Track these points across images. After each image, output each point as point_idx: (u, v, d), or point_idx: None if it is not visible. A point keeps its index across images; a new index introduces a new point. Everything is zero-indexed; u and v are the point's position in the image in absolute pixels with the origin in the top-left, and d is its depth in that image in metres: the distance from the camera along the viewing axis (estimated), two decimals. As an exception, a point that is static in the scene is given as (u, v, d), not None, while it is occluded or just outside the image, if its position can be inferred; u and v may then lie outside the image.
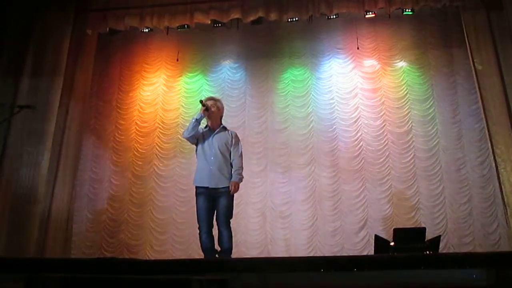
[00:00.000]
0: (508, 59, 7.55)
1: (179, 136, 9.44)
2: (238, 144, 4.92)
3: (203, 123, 4.96)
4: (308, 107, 9.45)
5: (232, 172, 4.77)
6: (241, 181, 4.79)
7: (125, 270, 3.14)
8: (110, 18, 8.69)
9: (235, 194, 4.78)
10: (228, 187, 4.69)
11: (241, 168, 4.81)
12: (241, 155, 4.87)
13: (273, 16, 8.37)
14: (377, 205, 8.71)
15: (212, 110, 4.84)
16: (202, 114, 4.77)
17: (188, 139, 4.87)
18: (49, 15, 8.26)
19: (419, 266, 2.89)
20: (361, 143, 9.08)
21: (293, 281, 2.77)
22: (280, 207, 8.94)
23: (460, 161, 8.66)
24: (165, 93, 9.95)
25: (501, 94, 7.48)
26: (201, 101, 4.84)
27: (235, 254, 4.73)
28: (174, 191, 9.25)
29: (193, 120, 4.76)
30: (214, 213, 4.71)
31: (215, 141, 4.81)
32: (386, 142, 9.03)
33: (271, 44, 9.82)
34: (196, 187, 4.78)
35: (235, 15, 8.41)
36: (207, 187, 4.70)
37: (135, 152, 9.64)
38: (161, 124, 9.75)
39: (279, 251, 8.57)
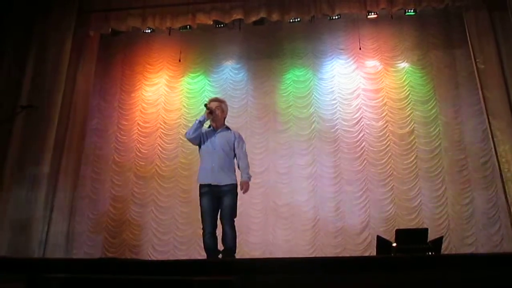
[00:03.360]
0: (511, 58, 7.53)
1: (181, 137, 9.45)
2: (242, 144, 4.91)
3: (206, 123, 4.95)
4: (310, 108, 9.44)
5: (241, 172, 4.77)
6: (250, 179, 4.80)
7: (127, 270, 3.13)
8: (112, 19, 8.72)
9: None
10: (231, 185, 4.68)
11: (248, 167, 4.82)
12: (246, 155, 4.88)
13: (275, 17, 8.38)
14: (379, 206, 8.70)
15: (216, 113, 4.84)
16: (206, 117, 4.77)
17: (190, 140, 4.86)
18: (51, 16, 8.29)
19: (421, 267, 2.88)
20: (363, 144, 9.07)
21: (295, 282, 2.77)
22: (282, 208, 8.93)
23: (462, 162, 8.65)
24: (167, 93, 9.96)
25: (504, 94, 7.48)
26: (205, 105, 4.83)
27: (237, 254, 4.71)
28: (176, 192, 9.25)
29: (197, 122, 4.76)
30: (218, 213, 4.70)
31: (218, 140, 4.80)
32: (388, 143, 9.02)
33: (273, 44, 9.82)
34: (200, 186, 4.77)
35: (237, 15, 8.43)
36: (209, 185, 4.69)
37: (137, 153, 9.66)
38: (163, 124, 9.76)
39: (281, 252, 8.54)
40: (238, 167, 4.83)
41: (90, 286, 2.69)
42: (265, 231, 8.86)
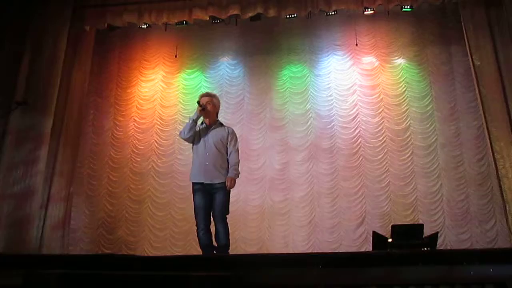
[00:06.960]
0: (507, 55, 7.55)
1: (177, 133, 9.43)
2: (235, 140, 4.87)
3: (200, 119, 4.93)
4: (306, 104, 9.45)
5: (229, 167, 4.75)
6: (238, 176, 4.76)
7: (124, 266, 3.14)
8: (108, 14, 8.65)
9: (233, 191, 4.77)
10: (224, 182, 4.67)
11: (237, 163, 4.78)
12: (237, 151, 4.83)
13: (271, 13, 8.35)
14: (375, 202, 8.73)
15: (208, 108, 4.82)
16: (199, 114, 4.75)
17: (185, 139, 4.86)
18: (47, 11, 8.21)
19: (417, 263, 2.90)
20: (359, 140, 9.10)
21: (291, 277, 2.78)
22: (278, 204, 8.95)
23: (458, 159, 8.69)
24: (164, 89, 9.93)
25: (500, 90, 7.49)
26: (198, 102, 4.81)
27: (233, 250, 4.74)
28: (173, 188, 9.25)
29: (190, 121, 4.74)
30: (211, 210, 4.70)
31: (211, 137, 4.79)
32: (384, 139, 9.05)
33: (270, 40, 9.80)
34: (193, 184, 4.77)
35: (234, 11, 8.38)
36: (202, 183, 4.68)
37: (134, 149, 9.64)
38: (160, 120, 9.74)
39: (277, 248, 8.57)
40: (228, 162, 4.79)
41: (86, 282, 2.69)
42: (261, 227, 8.88)
